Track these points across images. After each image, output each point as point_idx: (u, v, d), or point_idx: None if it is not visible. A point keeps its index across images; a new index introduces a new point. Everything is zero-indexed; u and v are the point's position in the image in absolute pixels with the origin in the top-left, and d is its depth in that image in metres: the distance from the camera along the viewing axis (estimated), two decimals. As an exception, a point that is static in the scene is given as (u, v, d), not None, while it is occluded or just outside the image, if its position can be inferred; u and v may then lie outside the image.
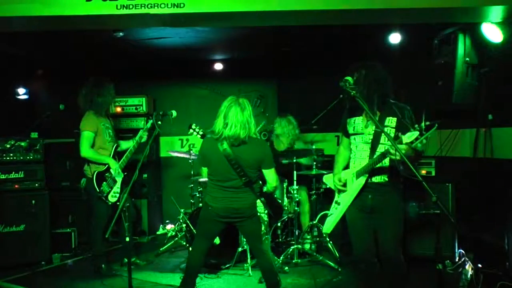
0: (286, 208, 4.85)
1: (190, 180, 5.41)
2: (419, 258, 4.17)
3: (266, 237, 4.48)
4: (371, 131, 2.97)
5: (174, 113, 3.98)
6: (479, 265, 3.86)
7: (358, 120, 3.06)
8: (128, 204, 3.20)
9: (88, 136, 4.32)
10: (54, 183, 5.35)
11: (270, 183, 3.44)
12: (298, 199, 4.81)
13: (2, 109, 5.64)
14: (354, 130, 3.08)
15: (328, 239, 4.73)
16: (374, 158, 2.88)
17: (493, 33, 3.89)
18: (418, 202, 4.30)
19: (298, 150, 5.14)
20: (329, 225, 3.25)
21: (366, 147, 2.99)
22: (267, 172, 3.40)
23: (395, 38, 4.64)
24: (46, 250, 4.80)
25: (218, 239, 4.34)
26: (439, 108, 4.30)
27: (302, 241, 4.87)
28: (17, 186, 4.75)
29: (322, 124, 5.16)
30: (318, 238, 5.02)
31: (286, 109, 6.16)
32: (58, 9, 3.35)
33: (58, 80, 6.11)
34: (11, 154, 4.75)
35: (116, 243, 5.15)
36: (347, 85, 2.78)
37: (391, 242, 2.99)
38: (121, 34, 4.39)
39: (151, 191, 6.08)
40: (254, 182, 3.36)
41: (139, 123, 5.91)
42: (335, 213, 3.20)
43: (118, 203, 4.18)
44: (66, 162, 5.60)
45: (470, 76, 4.15)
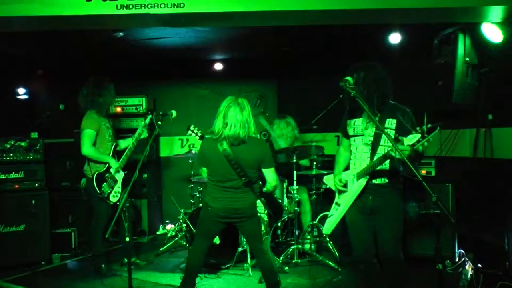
0: (286, 208, 4.85)
1: (190, 180, 5.41)
2: (419, 258, 4.17)
3: (266, 237, 4.48)
4: (371, 133, 2.97)
5: (174, 113, 3.99)
6: (479, 265, 3.86)
7: (358, 121, 3.06)
8: (127, 204, 3.20)
9: (90, 134, 4.32)
10: (54, 183, 5.35)
11: (270, 183, 3.44)
12: (298, 199, 4.81)
13: (2, 109, 5.64)
14: (354, 132, 3.08)
15: (328, 239, 4.73)
16: (375, 160, 2.87)
17: (493, 33, 3.88)
18: (418, 202, 4.31)
19: (299, 146, 5.06)
20: (329, 226, 3.25)
21: (366, 149, 2.99)
22: (267, 171, 3.40)
23: (395, 38, 4.64)
24: (46, 250, 4.80)
25: (218, 239, 4.35)
26: (439, 108, 4.30)
27: (302, 241, 4.87)
28: (17, 186, 4.75)
29: (322, 124, 5.15)
30: (318, 238, 5.02)
31: (286, 109, 6.17)
32: (58, 9, 3.35)
33: (58, 80, 6.11)
34: (11, 154, 4.75)
35: (116, 243, 5.14)
36: (347, 85, 2.77)
37: (391, 242, 2.99)
38: (121, 34, 4.39)
39: (151, 191, 6.08)
40: (254, 182, 3.36)
41: (139, 123, 5.86)
42: (336, 214, 3.20)
43: (118, 203, 4.18)
44: (66, 162, 5.61)
45: (470, 76, 4.15)
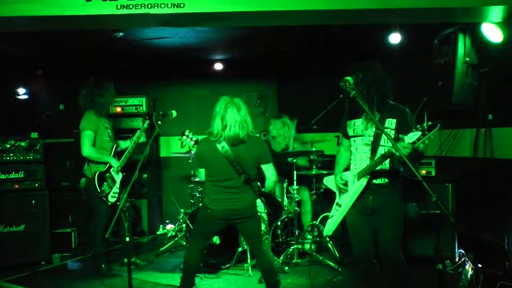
0: (286, 208, 4.85)
1: (190, 180, 5.41)
2: (419, 258, 4.17)
3: (266, 237, 4.48)
4: (371, 133, 2.97)
5: (174, 113, 3.98)
6: (479, 265, 3.86)
7: (358, 122, 3.06)
8: (127, 204, 3.20)
9: (89, 135, 4.32)
10: (54, 183, 5.35)
11: (269, 179, 3.43)
12: (298, 199, 4.81)
13: (2, 109, 5.63)
14: (354, 132, 3.08)
15: (328, 239, 4.72)
16: (375, 160, 2.87)
17: (493, 33, 3.89)
18: (418, 202, 4.29)
19: (295, 152, 5.00)
20: (330, 227, 3.24)
21: (367, 149, 2.99)
22: (266, 167, 3.39)
23: (395, 38, 4.64)
24: (46, 250, 4.80)
25: (218, 239, 4.35)
26: (439, 108, 4.30)
27: (302, 241, 4.87)
28: (17, 186, 4.75)
29: (322, 124, 5.14)
30: (318, 238, 5.02)
31: (286, 109, 6.16)
32: (58, 9, 3.35)
33: (58, 80, 6.11)
34: (11, 154, 4.75)
35: (116, 243, 5.15)
36: (347, 85, 2.77)
37: (391, 243, 2.99)
38: (121, 34, 4.39)
39: (151, 191, 6.08)
40: (253, 180, 3.36)
41: (139, 123, 5.89)
42: (336, 215, 3.19)
43: (118, 203, 4.18)
44: (66, 162, 5.61)
45: (470, 76, 4.15)
